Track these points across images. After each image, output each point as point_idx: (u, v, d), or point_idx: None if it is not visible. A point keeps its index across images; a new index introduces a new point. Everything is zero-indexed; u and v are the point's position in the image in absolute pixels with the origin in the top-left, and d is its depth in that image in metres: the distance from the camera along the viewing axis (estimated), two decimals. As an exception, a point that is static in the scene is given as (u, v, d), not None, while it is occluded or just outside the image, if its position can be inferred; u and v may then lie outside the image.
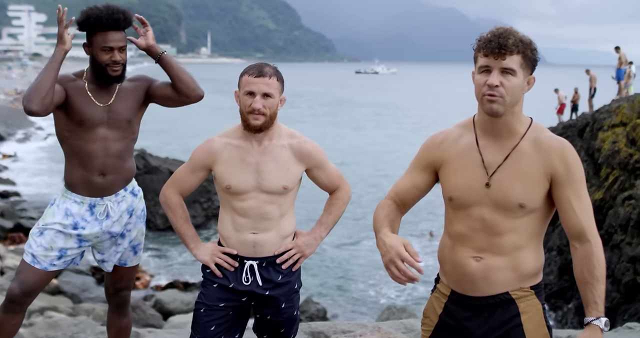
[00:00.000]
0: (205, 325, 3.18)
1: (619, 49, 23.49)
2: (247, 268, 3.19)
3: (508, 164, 2.57)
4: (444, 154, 2.71)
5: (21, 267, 3.53)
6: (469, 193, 2.60)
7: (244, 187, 3.14)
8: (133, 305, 12.78)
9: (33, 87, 3.30)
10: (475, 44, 2.56)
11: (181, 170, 3.30)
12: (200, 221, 23.86)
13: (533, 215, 2.58)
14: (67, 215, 3.53)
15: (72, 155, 3.53)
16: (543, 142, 2.57)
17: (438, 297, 2.77)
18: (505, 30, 2.51)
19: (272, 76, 3.10)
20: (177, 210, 3.30)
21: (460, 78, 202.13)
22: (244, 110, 3.11)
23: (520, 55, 2.50)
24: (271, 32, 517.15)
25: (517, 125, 2.59)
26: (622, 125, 16.54)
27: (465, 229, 2.63)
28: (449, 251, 2.70)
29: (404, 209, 2.85)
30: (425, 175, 2.77)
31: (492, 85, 2.48)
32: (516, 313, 2.61)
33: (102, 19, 3.39)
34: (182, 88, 3.57)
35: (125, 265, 3.76)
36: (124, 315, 3.87)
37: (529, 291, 2.63)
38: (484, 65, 2.52)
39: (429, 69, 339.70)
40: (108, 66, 3.44)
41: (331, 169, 3.32)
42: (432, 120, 63.86)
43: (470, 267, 2.62)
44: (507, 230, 2.57)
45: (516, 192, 2.54)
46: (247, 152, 3.17)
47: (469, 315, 2.66)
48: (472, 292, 2.64)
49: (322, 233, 3.31)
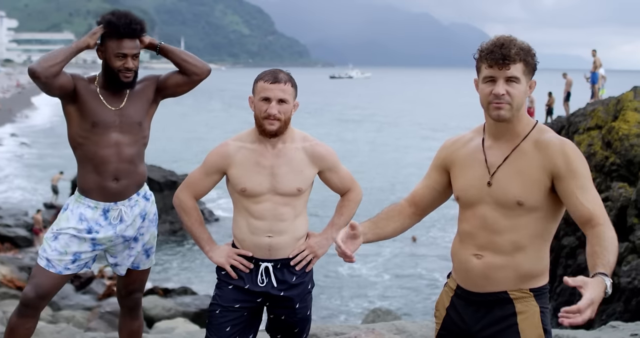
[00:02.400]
0: (221, 326, 3.22)
1: (596, 52, 23.77)
2: (262, 270, 3.25)
3: (508, 163, 2.66)
4: (453, 155, 2.83)
5: (35, 271, 3.57)
6: (473, 192, 2.71)
7: (259, 190, 3.20)
8: (116, 311, 12.74)
9: (44, 56, 3.42)
10: (477, 54, 2.66)
11: (195, 173, 3.35)
12: (177, 227, 23.79)
13: (535, 215, 2.63)
14: (82, 220, 3.58)
15: (86, 161, 3.58)
16: (544, 141, 2.65)
17: (447, 291, 2.88)
18: (506, 40, 2.60)
19: (287, 82, 3.18)
20: (192, 214, 3.34)
21: (433, 82, 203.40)
22: (259, 116, 3.18)
23: (522, 62, 2.60)
24: (245, 37, 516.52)
25: (521, 127, 2.69)
26: (597, 128, 16.76)
27: (469, 227, 2.73)
28: (457, 248, 2.80)
29: (418, 211, 2.95)
30: (438, 175, 2.88)
31: (498, 95, 2.59)
32: (512, 313, 2.66)
33: (120, 27, 3.46)
34: (189, 68, 3.67)
35: (138, 269, 3.81)
36: (136, 318, 3.92)
37: (527, 293, 2.67)
38: (488, 76, 2.62)
39: (403, 74, 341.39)
40: (120, 72, 3.50)
41: (343, 171, 3.40)
42: (406, 122, 64.27)
43: (472, 263, 2.71)
44: (507, 229, 2.64)
45: (514, 189, 2.62)
46: (261, 155, 3.23)
47: (470, 310, 2.75)
48: (473, 288, 2.73)
49: (333, 234, 3.35)
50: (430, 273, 20.59)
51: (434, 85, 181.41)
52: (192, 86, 3.74)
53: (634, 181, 14.38)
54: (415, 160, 41.80)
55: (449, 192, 2.90)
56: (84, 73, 4.10)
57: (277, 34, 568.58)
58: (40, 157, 41.51)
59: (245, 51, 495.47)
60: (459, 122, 61.19)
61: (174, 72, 3.72)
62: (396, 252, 23.01)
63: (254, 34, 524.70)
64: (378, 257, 21.95)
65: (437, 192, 2.90)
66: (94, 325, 12.30)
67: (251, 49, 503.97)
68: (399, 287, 19.32)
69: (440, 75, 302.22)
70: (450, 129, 58.78)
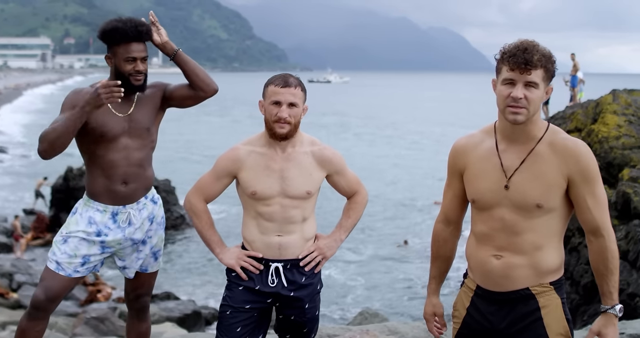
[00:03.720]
0: (232, 326, 3.27)
1: (575, 56, 24.00)
2: (272, 270, 3.30)
3: (525, 167, 2.74)
4: (465, 158, 2.89)
5: (45, 273, 3.60)
6: (490, 195, 2.77)
7: (269, 193, 3.25)
8: (102, 317, 12.69)
9: (52, 135, 3.35)
10: (499, 54, 2.71)
11: (205, 177, 3.39)
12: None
13: (551, 215, 2.74)
14: (91, 224, 3.63)
15: (95, 166, 3.63)
16: (558, 144, 2.73)
17: (466, 291, 2.95)
18: (530, 45, 2.65)
19: (297, 86, 3.25)
20: (203, 216, 3.38)
21: (411, 86, 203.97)
22: (270, 119, 3.23)
23: (543, 69, 2.66)
24: (223, 42, 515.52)
25: (535, 130, 2.76)
26: (576, 131, 16.92)
27: (487, 229, 2.80)
28: (474, 249, 2.87)
29: (456, 224, 3.05)
30: (458, 182, 2.95)
31: (516, 98, 2.65)
32: (536, 308, 2.77)
33: (127, 31, 3.51)
34: (198, 82, 3.71)
35: (146, 272, 3.86)
36: (144, 321, 3.96)
37: (548, 287, 2.79)
38: (508, 78, 2.68)
39: (382, 78, 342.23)
40: (131, 76, 3.55)
41: (350, 175, 3.47)
42: (386, 125, 64.45)
43: (492, 264, 2.79)
44: (526, 230, 2.74)
45: (533, 193, 2.71)
46: (271, 159, 3.28)
47: (493, 309, 2.82)
48: (494, 287, 2.81)
49: (341, 236, 3.45)
50: (408, 276, 20.64)
51: (409, 89, 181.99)
52: (197, 101, 3.77)
53: (613, 183, 14.51)
54: (392, 162, 42.00)
55: None
56: (59, 79, 4.12)
57: (255, 38, 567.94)
58: (13, 164, 41.05)
59: (223, 56, 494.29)
60: (425, 127, 61.63)
61: (183, 85, 3.75)
62: (370, 254, 23.04)
63: (232, 38, 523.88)
64: (350, 263, 21.90)
65: (462, 198, 2.97)
66: (79, 331, 12.23)
67: (229, 53, 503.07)
68: (377, 290, 19.35)
69: (418, 79, 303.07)
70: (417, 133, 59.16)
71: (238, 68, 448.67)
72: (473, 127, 3.31)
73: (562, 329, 2.78)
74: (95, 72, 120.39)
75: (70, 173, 24.55)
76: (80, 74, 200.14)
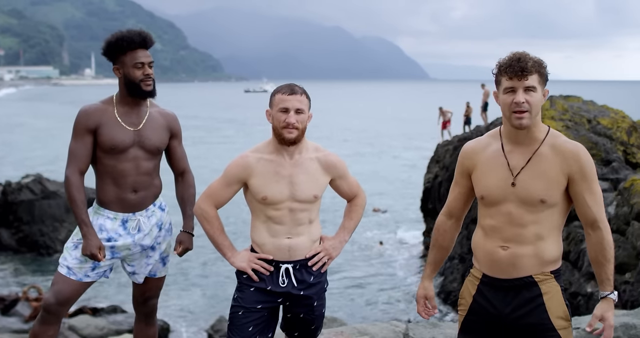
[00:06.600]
0: (244, 326, 3.41)
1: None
2: (282, 271, 3.46)
3: (530, 166, 3.04)
4: (474, 159, 3.19)
5: (56, 278, 3.70)
6: (498, 192, 3.07)
7: (279, 198, 3.41)
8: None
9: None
10: (495, 69, 3.02)
11: (216, 184, 3.51)
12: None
13: (553, 210, 3.04)
14: (102, 230, 3.74)
15: (105, 175, 3.75)
16: (560, 146, 3.05)
17: (472, 280, 3.23)
18: (522, 55, 2.98)
19: (302, 94, 3.43)
20: (214, 222, 3.50)
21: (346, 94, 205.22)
22: (279, 126, 3.39)
23: (537, 74, 2.97)
24: (157, 52, 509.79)
25: (537, 133, 3.07)
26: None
27: (494, 222, 3.09)
28: (482, 241, 3.16)
29: (457, 218, 3.35)
30: (465, 180, 3.25)
31: (519, 103, 2.95)
32: (539, 294, 3.06)
33: (133, 38, 3.69)
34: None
35: (154, 276, 3.98)
36: (152, 325, 4.05)
37: (549, 275, 3.09)
38: (509, 87, 2.98)
39: (316, 86, 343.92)
40: (142, 81, 3.71)
41: (351, 179, 3.66)
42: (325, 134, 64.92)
43: (499, 254, 3.08)
44: (531, 223, 3.04)
45: (538, 189, 3.01)
46: (280, 165, 3.44)
47: (498, 295, 3.11)
48: (501, 274, 3.10)
49: (345, 237, 3.64)
50: (364, 278, 20.81)
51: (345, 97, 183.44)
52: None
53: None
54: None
55: (474, 193, 3.25)
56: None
57: (189, 48, 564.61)
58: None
59: (157, 66, 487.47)
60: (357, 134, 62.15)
61: (179, 151, 3.98)
62: (360, 255, 23.15)
63: (166, 49, 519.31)
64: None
65: (467, 196, 3.28)
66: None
67: (164, 63, 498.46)
68: (331, 297, 19.49)
69: (354, 88, 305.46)
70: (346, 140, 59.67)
71: (173, 78, 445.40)
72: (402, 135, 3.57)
73: (563, 313, 3.07)
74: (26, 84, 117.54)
75: (8, 187, 24.05)
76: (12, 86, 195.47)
